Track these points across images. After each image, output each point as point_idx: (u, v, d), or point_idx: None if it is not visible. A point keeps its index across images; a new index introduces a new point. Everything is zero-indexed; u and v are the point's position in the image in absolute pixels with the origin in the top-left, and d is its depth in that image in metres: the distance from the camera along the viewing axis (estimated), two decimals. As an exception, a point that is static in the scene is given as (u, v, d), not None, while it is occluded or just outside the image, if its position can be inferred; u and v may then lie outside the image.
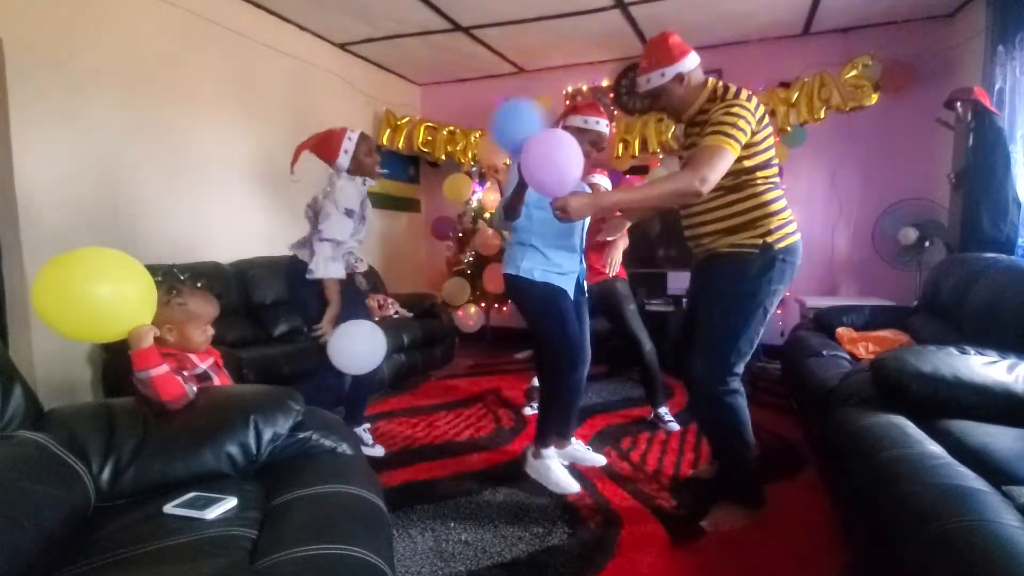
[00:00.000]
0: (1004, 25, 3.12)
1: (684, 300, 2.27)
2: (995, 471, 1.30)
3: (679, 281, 4.44)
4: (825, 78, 4.00)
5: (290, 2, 3.78)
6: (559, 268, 2.25)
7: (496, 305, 5.13)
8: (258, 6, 3.81)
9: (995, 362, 1.68)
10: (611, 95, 4.97)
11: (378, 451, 2.67)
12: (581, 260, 2.36)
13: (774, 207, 1.82)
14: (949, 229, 3.56)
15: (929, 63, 4.10)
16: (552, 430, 2.36)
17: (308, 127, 4.31)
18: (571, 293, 2.28)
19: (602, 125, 2.27)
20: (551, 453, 2.34)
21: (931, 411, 1.65)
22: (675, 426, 2.94)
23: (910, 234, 3.77)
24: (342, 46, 4.61)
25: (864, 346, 2.84)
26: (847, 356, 2.72)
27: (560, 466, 2.32)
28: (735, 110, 1.71)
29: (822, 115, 4.06)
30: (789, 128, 4.17)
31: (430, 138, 5.14)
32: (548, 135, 1.75)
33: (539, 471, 2.30)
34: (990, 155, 2.96)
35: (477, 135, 5.05)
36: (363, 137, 2.55)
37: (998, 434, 1.49)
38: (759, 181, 1.81)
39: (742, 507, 1.87)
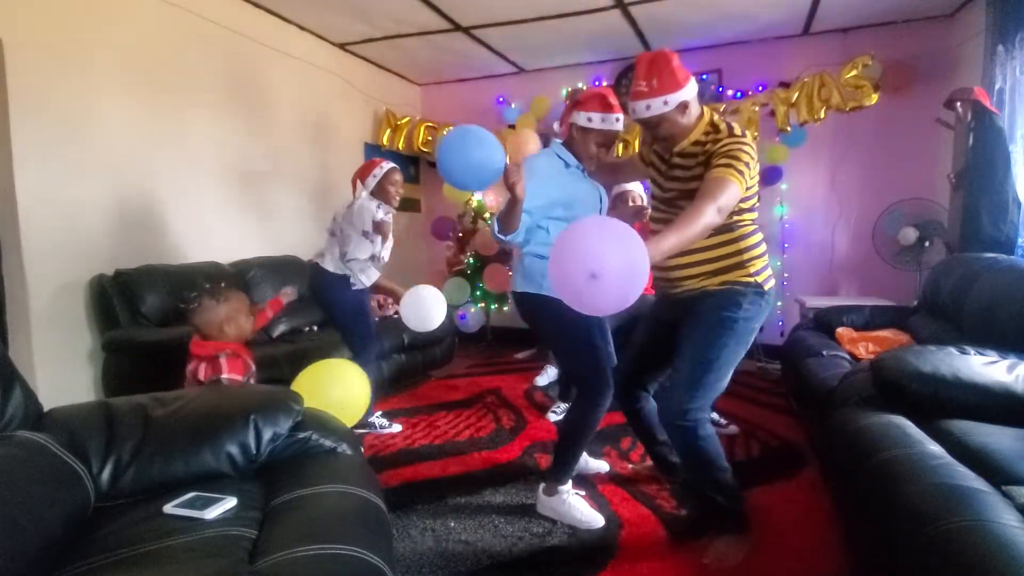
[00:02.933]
0: (1004, 25, 3.12)
1: (636, 332, 2.12)
2: (995, 471, 1.30)
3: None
4: (825, 78, 4.00)
5: (290, 2, 3.78)
6: None
7: (496, 305, 5.13)
8: (258, 6, 3.81)
9: (995, 362, 1.68)
10: (611, 95, 4.97)
11: (396, 428, 3.00)
12: None
13: (759, 250, 1.81)
14: (949, 229, 3.56)
15: (929, 63, 4.10)
16: (574, 464, 2.09)
17: (308, 127, 4.35)
18: None
19: (610, 121, 1.94)
20: (568, 488, 2.05)
21: (931, 411, 1.65)
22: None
23: (910, 234, 3.77)
24: (342, 46, 4.61)
25: (864, 346, 2.84)
26: (847, 356, 2.72)
27: (580, 499, 2.05)
28: (747, 148, 1.66)
29: (822, 115, 4.05)
30: (789, 128, 4.17)
31: (430, 138, 5.14)
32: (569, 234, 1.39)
33: (558, 509, 2.02)
34: (990, 155, 2.96)
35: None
36: (392, 170, 2.89)
37: (998, 434, 1.49)
38: (747, 222, 1.80)
39: (735, 534, 1.81)
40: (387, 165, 2.89)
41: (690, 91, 1.72)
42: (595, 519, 1.98)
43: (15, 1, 2.58)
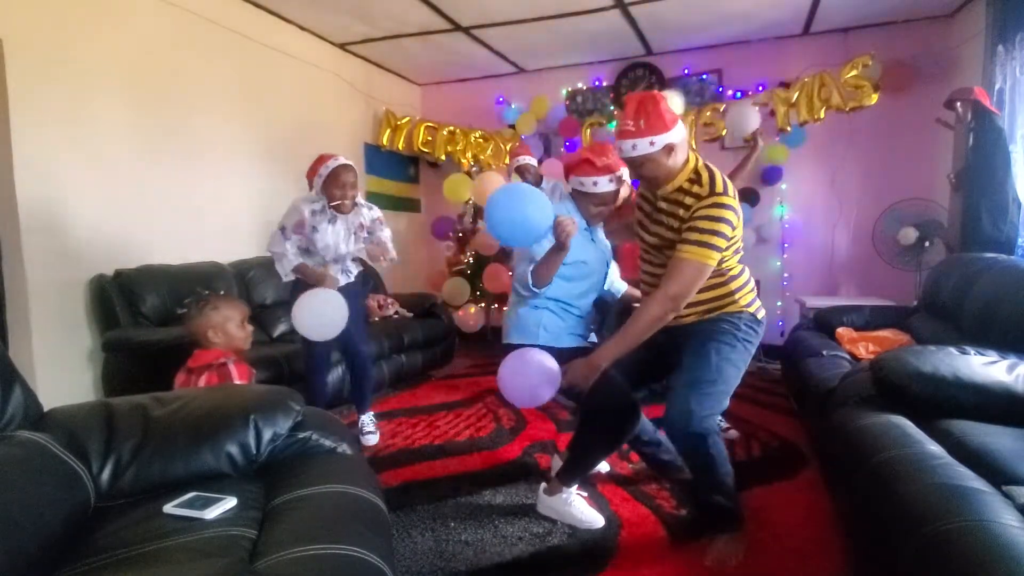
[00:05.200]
0: (1004, 25, 3.12)
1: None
2: (995, 471, 1.30)
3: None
4: (825, 78, 4.00)
5: (290, 2, 3.78)
6: (579, 327, 2.07)
7: (496, 305, 5.13)
8: (258, 6, 3.81)
9: (995, 362, 1.68)
10: (611, 95, 4.97)
11: (372, 440, 2.81)
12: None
13: (748, 287, 1.88)
14: (949, 229, 3.56)
15: (929, 63, 4.10)
16: (585, 474, 2.08)
17: (309, 127, 4.35)
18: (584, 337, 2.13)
19: (603, 184, 1.94)
20: (572, 488, 2.03)
21: (931, 411, 1.65)
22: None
23: (910, 234, 3.77)
24: (342, 46, 4.61)
25: (864, 346, 2.84)
26: (847, 356, 2.72)
27: (581, 500, 2.04)
28: (725, 214, 1.66)
29: (822, 115, 4.06)
30: (789, 128, 4.17)
31: (430, 138, 5.14)
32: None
33: (559, 509, 2.01)
34: (990, 155, 2.96)
35: (477, 135, 5.05)
36: (336, 170, 2.62)
37: (998, 434, 1.49)
38: (733, 266, 1.84)
39: (733, 534, 1.81)
40: (333, 163, 2.62)
41: (677, 134, 1.71)
42: (595, 519, 1.98)
43: (15, 1, 2.58)
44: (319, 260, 2.71)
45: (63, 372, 2.80)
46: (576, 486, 2.04)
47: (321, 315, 2.34)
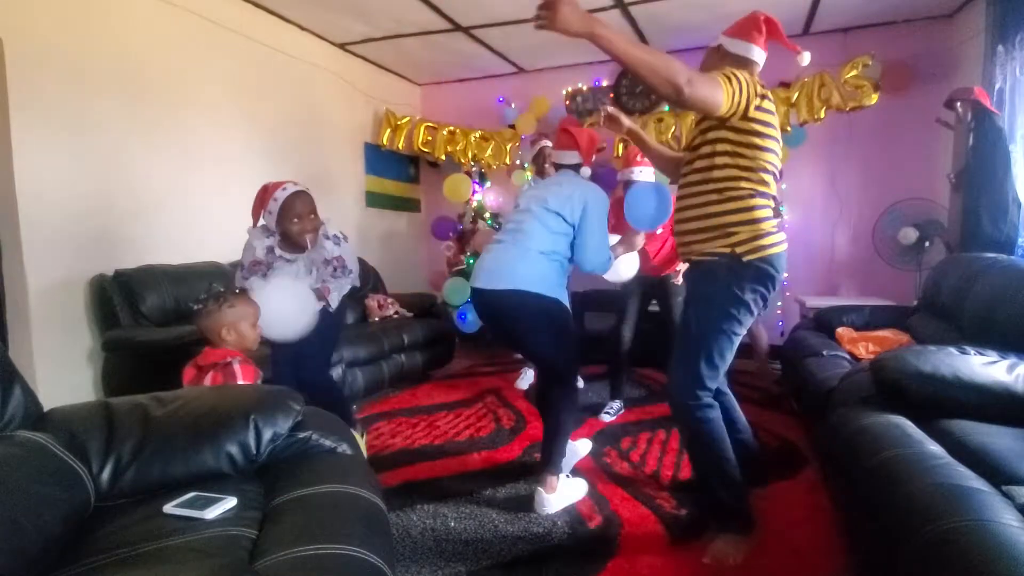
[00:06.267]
0: (1004, 25, 3.12)
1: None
2: (995, 471, 1.30)
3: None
4: (825, 78, 4.00)
5: (290, 2, 3.78)
6: None
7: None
8: (258, 6, 3.81)
9: (995, 362, 1.68)
10: (611, 95, 4.97)
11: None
12: None
13: (754, 215, 1.71)
14: (949, 229, 3.56)
15: (929, 63, 4.10)
16: (564, 448, 2.18)
17: (308, 128, 4.36)
18: None
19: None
20: (566, 473, 2.15)
21: (931, 411, 1.65)
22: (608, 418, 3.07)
23: (910, 234, 3.77)
24: (342, 46, 4.61)
25: (864, 346, 2.84)
26: (847, 356, 2.72)
27: (570, 481, 2.17)
28: (742, 74, 1.64)
29: (822, 115, 4.06)
30: (789, 128, 4.17)
31: (430, 138, 5.14)
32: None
33: (561, 501, 2.09)
34: (990, 155, 2.96)
35: (477, 135, 5.05)
36: (291, 199, 2.26)
37: (998, 434, 1.49)
38: (744, 187, 1.72)
39: (736, 534, 1.79)
40: (282, 194, 2.25)
41: (738, 47, 1.77)
42: (581, 488, 2.18)
43: (15, 1, 2.58)
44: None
45: (63, 372, 2.80)
46: (568, 472, 2.17)
47: (280, 309, 2.13)
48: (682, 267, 2.88)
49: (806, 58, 1.82)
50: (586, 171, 2.22)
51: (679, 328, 1.87)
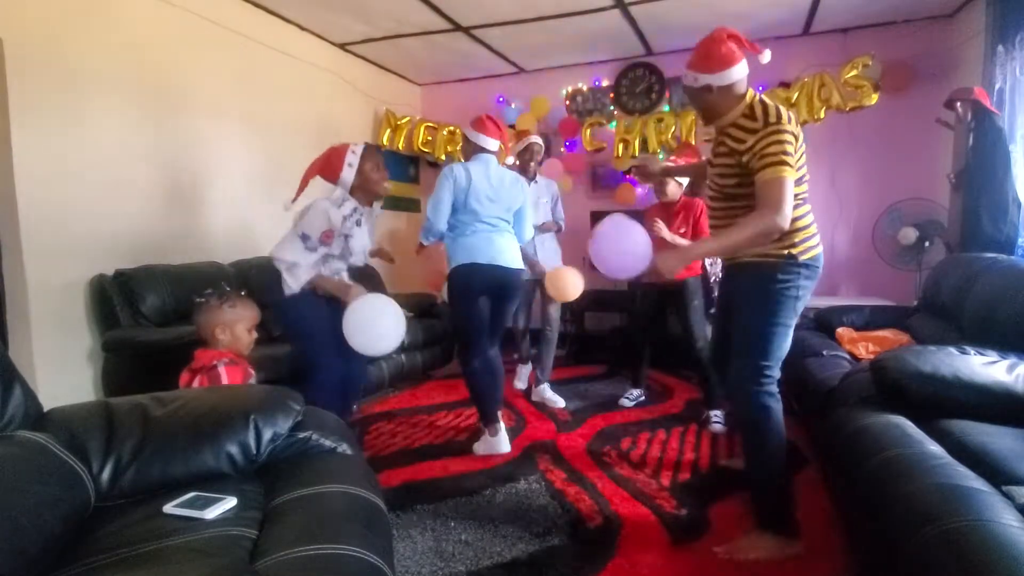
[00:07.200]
0: (1004, 25, 3.12)
1: (713, 309, 2.26)
2: (995, 471, 1.30)
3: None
4: (825, 78, 4.00)
5: (290, 2, 3.78)
6: None
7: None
8: (258, 6, 3.81)
9: (995, 362, 1.68)
10: (611, 95, 4.97)
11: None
12: None
13: (801, 223, 1.82)
14: (949, 229, 3.56)
15: (929, 63, 4.10)
16: (483, 399, 2.70)
17: (308, 127, 4.35)
18: None
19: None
20: (495, 425, 2.68)
21: (931, 411, 1.65)
22: (720, 427, 2.93)
23: (910, 234, 3.77)
24: (342, 46, 4.61)
25: (864, 346, 2.84)
26: (847, 356, 2.72)
27: (495, 434, 2.68)
28: (783, 137, 1.72)
29: (822, 115, 4.06)
30: (789, 128, 4.17)
31: (430, 138, 5.14)
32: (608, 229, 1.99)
33: (486, 447, 2.65)
34: (990, 155, 2.96)
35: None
36: (369, 150, 2.44)
37: (998, 434, 1.49)
38: (797, 195, 1.81)
39: (774, 535, 1.78)
40: (358, 146, 2.40)
41: (722, 78, 1.83)
42: (502, 444, 2.64)
43: (15, 1, 2.58)
44: (337, 268, 2.47)
45: (63, 372, 2.80)
46: (498, 423, 2.66)
47: (378, 326, 2.16)
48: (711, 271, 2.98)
49: (767, 56, 1.92)
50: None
51: (735, 324, 1.91)
